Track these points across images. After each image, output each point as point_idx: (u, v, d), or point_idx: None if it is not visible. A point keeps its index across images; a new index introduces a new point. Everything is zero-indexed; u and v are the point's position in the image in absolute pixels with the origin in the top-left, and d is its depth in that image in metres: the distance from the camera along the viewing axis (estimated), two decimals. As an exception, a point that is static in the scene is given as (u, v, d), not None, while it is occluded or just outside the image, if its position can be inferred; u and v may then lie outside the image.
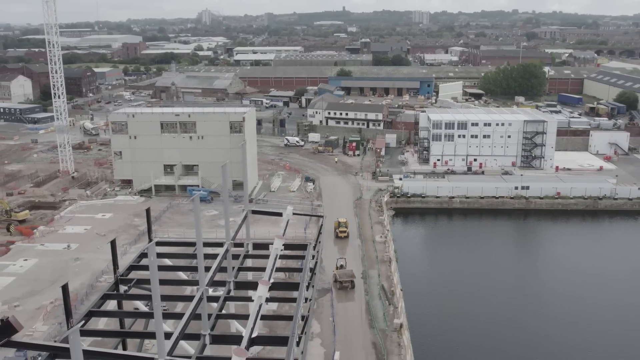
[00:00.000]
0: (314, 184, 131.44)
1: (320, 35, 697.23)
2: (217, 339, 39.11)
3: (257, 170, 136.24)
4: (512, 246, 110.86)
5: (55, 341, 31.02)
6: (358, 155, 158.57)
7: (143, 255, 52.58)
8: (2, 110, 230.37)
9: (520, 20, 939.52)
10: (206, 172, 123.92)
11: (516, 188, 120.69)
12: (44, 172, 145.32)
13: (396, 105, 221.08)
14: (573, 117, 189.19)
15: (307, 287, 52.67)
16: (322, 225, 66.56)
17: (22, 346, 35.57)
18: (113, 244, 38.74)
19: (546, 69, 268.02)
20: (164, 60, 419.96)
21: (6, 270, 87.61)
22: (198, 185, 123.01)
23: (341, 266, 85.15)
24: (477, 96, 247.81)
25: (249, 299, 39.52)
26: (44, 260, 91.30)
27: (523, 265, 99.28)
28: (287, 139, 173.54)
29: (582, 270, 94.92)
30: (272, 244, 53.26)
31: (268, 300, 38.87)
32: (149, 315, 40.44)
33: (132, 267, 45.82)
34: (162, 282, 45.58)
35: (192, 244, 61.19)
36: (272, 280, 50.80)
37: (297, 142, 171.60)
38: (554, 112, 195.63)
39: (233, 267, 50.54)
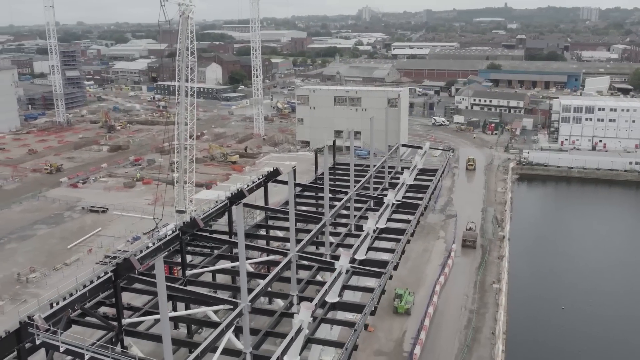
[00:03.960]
0: (453, 152, 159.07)
1: (478, 31, 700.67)
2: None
3: (407, 140, 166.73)
4: (622, 208, 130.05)
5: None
6: (495, 134, 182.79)
7: (318, 177, 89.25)
8: (201, 89, 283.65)
9: None
10: (367, 137, 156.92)
11: (630, 163, 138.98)
12: (241, 134, 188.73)
13: (541, 97, 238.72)
14: None
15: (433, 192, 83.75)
16: (449, 157, 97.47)
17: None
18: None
19: None
20: (328, 53, 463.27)
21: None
22: (360, 147, 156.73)
23: (470, 228, 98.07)
24: (625, 91, 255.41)
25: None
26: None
27: (628, 225, 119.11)
28: (434, 118, 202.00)
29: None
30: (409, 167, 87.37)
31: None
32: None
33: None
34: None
35: (363, 165, 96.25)
36: (413, 180, 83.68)
37: (443, 121, 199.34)
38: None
39: (389, 177, 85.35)
